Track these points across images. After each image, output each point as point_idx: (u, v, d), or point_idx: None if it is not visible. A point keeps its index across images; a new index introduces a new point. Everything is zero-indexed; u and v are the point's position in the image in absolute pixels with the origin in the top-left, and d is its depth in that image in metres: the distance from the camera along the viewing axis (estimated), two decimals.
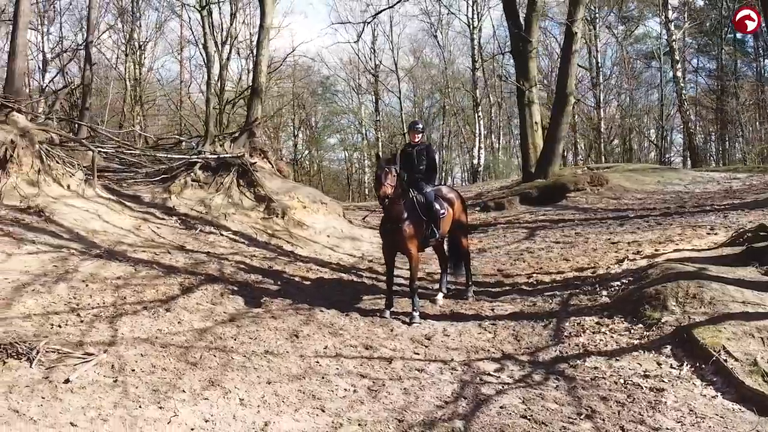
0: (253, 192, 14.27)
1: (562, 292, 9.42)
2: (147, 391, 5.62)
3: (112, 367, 5.99)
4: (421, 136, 9.56)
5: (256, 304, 8.68)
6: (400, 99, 45.09)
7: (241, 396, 5.78)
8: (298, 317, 8.29)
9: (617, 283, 9.10)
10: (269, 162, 16.86)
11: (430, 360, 7.10)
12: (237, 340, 7.24)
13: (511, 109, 40.56)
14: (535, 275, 10.65)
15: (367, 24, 25.31)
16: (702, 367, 6.30)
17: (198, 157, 14.78)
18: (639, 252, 10.69)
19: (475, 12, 39.85)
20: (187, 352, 6.65)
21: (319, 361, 6.83)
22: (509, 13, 22.32)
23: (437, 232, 9.10)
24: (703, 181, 19.14)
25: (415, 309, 8.60)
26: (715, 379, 6.10)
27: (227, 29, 34.31)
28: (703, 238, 11.17)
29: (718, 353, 6.26)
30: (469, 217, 17.20)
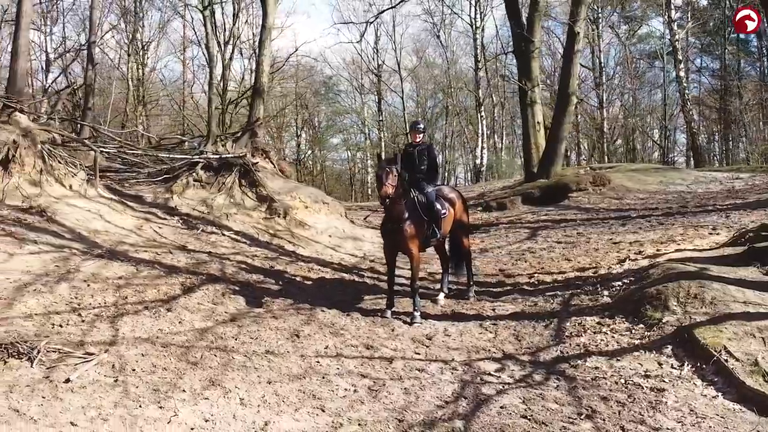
0: (255, 192, 14.29)
1: (563, 292, 9.41)
2: (147, 390, 5.62)
3: (112, 367, 6.00)
4: (422, 136, 9.55)
5: (257, 303, 8.69)
6: (403, 99, 45.14)
7: (242, 396, 5.77)
8: (299, 317, 8.29)
9: (619, 283, 9.08)
10: (271, 162, 16.87)
11: (431, 360, 7.10)
12: (238, 339, 7.24)
13: (514, 109, 40.54)
14: (536, 275, 10.65)
15: (370, 24, 25.43)
16: (703, 367, 6.28)
17: (200, 157, 14.79)
18: (641, 252, 10.68)
19: (478, 12, 39.89)
20: (187, 352, 6.65)
21: (319, 361, 6.83)
22: (511, 13, 22.35)
23: (438, 232, 9.10)
24: (705, 181, 19.11)
25: (417, 309, 8.60)
26: (716, 379, 6.08)
27: (230, 29, 34.32)
28: (705, 238, 11.16)
29: (719, 353, 6.25)
30: (471, 217, 17.21)
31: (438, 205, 9.09)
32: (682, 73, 32.58)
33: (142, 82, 35.92)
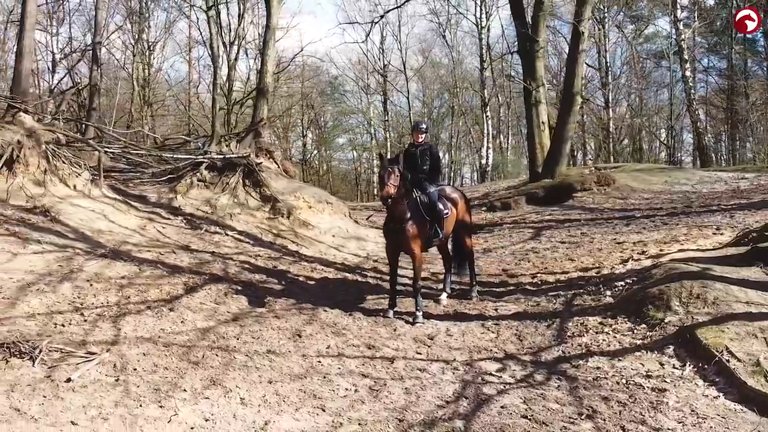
0: (259, 192, 14.31)
1: (566, 292, 9.39)
2: (148, 390, 5.63)
3: (114, 367, 6.00)
4: (424, 136, 9.55)
5: (259, 303, 8.70)
6: (409, 99, 45.11)
7: (242, 395, 5.78)
8: (301, 317, 8.30)
9: (621, 283, 9.06)
10: (275, 162, 16.90)
11: (433, 360, 7.10)
12: (240, 339, 7.25)
13: (520, 109, 40.31)
14: (539, 275, 10.63)
15: (375, 24, 25.37)
16: (704, 367, 6.27)
17: (204, 157, 14.82)
18: (644, 252, 10.65)
19: (483, 12, 39.89)
20: (189, 352, 6.66)
21: (321, 361, 6.84)
22: (516, 13, 22.33)
23: (441, 232, 9.09)
24: (710, 181, 19.05)
25: (419, 309, 8.60)
26: (717, 380, 6.06)
27: (235, 29, 34.36)
28: (708, 238, 11.12)
29: (720, 353, 6.23)
30: (475, 217, 17.28)
31: (440, 205, 9.08)
32: (689, 73, 32.43)
33: (148, 82, 36.00)
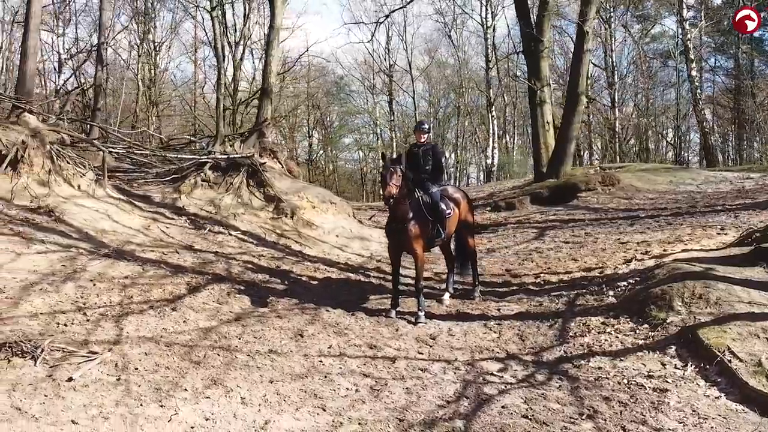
0: (263, 192, 14.32)
1: (568, 292, 9.38)
2: (149, 389, 5.65)
3: (115, 366, 6.03)
4: (427, 136, 9.55)
5: (262, 303, 8.71)
6: (414, 99, 45.08)
7: (243, 395, 5.79)
8: (303, 317, 8.31)
9: (624, 283, 9.05)
10: (279, 162, 16.92)
11: (434, 360, 7.10)
12: (241, 339, 7.27)
13: (526, 109, 40.29)
14: (542, 275, 10.61)
15: (380, 24, 25.32)
16: (706, 367, 6.25)
17: (208, 157, 14.85)
18: (647, 252, 10.62)
19: (489, 11, 39.83)
20: (191, 351, 6.68)
21: (322, 361, 6.85)
22: (521, 13, 22.28)
23: (443, 232, 9.09)
24: (715, 181, 18.98)
25: (421, 309, 8.60)
26: (719, 380, 6.05)
27: (241, 30, 34.42)
28: (712, 238, 11.09)
29: (722, 354, 6.22)
30: (480, 216, 17.29)
31: (443, 205, 9.08)
32: (695, 73, 32.30)
33: (154, 82, 36.07)
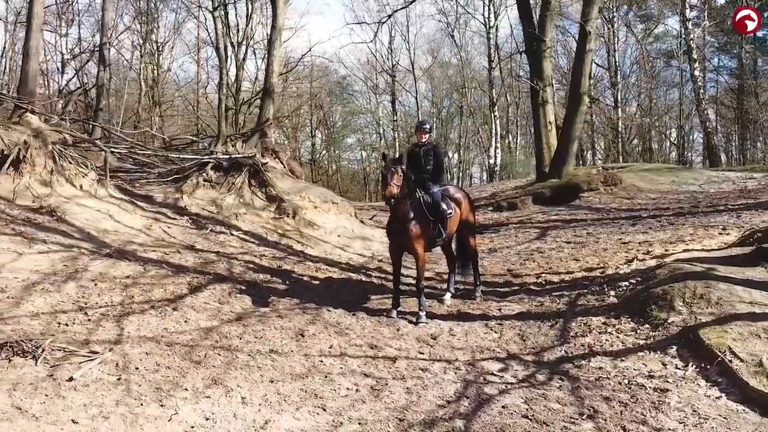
0: (265, 192, 14.33)
1: (570, 292, 9.37)
2: (149, 389, 5.65)
3: (116, 366, 6.04)
4: (428, 136, 9.55)
5: (263, 303, 8.72)
6: (417, 99, 45.05)
7: (243, 394, 5.79)
8: (304, 316, 8.31)
9: (625, 283, 9.04)
10: (281, 162, 16.91)
11: (435, 360, 7.09)
12: (242, 339, 7.27)
13: (529, 109, 40.34)
14: (544, 275, 10.61)
15: (382, 24, 25.33)
16: (707, 367, 6.24)
17: (210, 157, 14.86)
18: (649, 252, 10.62)
19: (492, 11, 39.81)
20: (191, 351, 6.69)
21: (323, 360, 6.84)
22: (523, 13, 22.29)
23: (444, 232, 9.09)
24: (718, 181, 18.98)
25: (422, 309, 8.60)
26: (719, 380, 6.04)
27: (243, 30, 34.41)
28: (714, 238, 11.08)
29: (723, 354, 6.21)
30: (482, 216, 17.30)
31: (444, 205, 9.07)
32: (698, 72, 32.29)
33: (157, 82, 36.10)
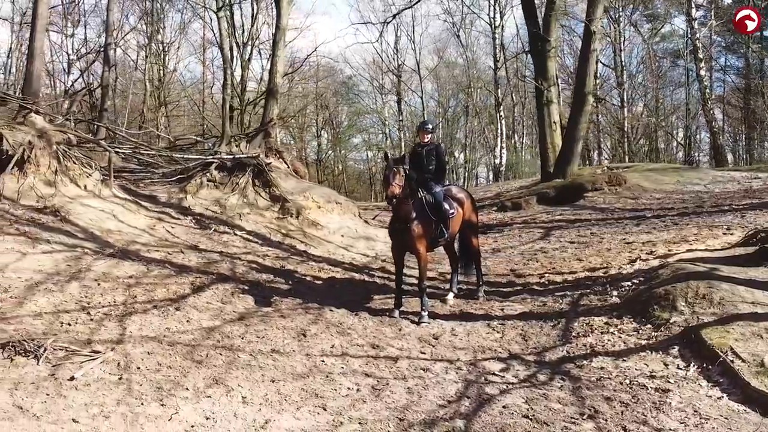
0: (268, 192, 14.33)
1: (572, 292, 9.36)
2: (151, 388, 5.67)
3: (118, 365, 6.05)
4: (431, 136, 9.55)
5: (265, 303, 8.72)
6: (422, 99, 45.10)
7: (244, 394, 5.80)
8: (307, 316, 8.32)
9: (628, 283, 9.02)
10: (285, 162, 16.93)
11: (436, 359, 7.09)
12: (244, 338, 7.28)
13: (535, 109, 40.28)
14: (547, 275, 10.60)
15: (387, 24, 25.30)
16: (709, 367, 6.23)
17: (214, 157, 14.87)
18: (652, 252, 10.59)
19: (497, 11, 39.74)
20: (193, 351, 6.70)
21: (324, 360, 6.85)
22: (528, 12, 22.27)
23: (446, 232, 9.09)
24: (723, 181, 18.93)
25: (424, 309, 8.60)
26: (721, 380, 6.03)
27: (248, 30, 34.50)
28: (718, 238, 11.05)
29: (725, 354, 6.20)
30: (486, 216, 17.30)
31: (446, 205, 9.08)
32: (704, 72, 32.15)
33: (162, 82, 36.18)
